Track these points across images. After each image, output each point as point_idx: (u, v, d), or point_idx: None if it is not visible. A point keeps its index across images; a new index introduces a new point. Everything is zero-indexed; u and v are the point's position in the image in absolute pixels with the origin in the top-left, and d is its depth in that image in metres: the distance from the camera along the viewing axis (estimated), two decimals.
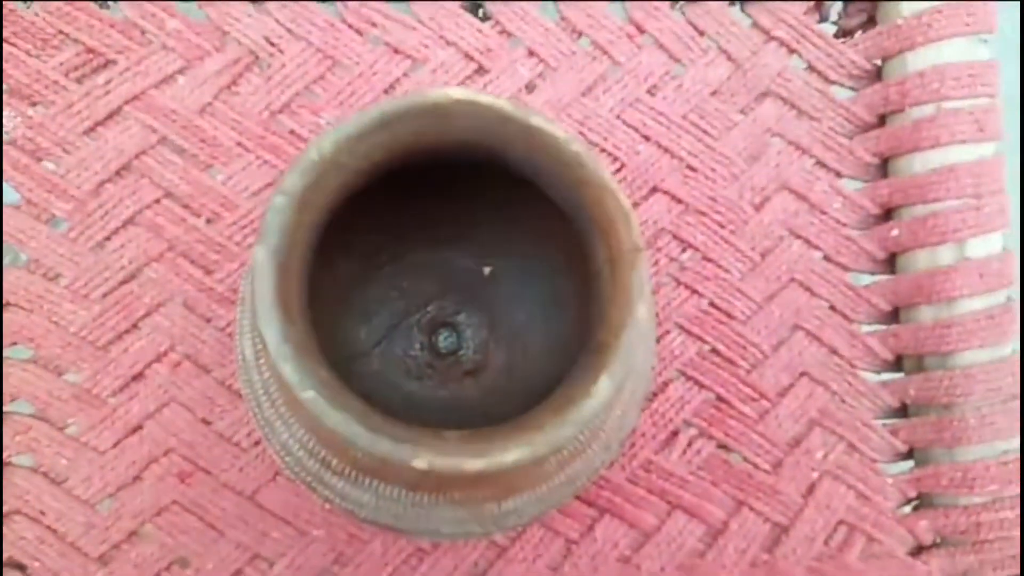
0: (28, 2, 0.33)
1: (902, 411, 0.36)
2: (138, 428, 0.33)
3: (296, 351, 0.21)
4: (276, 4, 0.34)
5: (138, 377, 0.33)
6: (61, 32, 0.33)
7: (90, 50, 0.33)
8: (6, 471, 0.32)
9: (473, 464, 0.20)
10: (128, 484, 0.32)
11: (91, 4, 0.33)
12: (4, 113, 0.32)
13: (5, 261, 0.33)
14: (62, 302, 0.33)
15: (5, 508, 0.31)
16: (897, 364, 0.36)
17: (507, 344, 0.35)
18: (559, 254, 0.33)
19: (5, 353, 0.32)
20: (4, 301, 0.32)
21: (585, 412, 0.21)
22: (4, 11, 0.32)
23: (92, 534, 0.32)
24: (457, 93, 0.23)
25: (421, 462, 0.20)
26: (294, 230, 0.22)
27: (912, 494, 0.35)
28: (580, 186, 0.23)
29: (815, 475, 0.35)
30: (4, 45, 0.33)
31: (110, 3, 0.33)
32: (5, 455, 0.32)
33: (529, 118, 0.23)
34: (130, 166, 0.33)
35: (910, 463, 0.36)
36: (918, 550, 0.35)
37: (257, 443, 0.33)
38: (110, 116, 0.33)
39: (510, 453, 0.21)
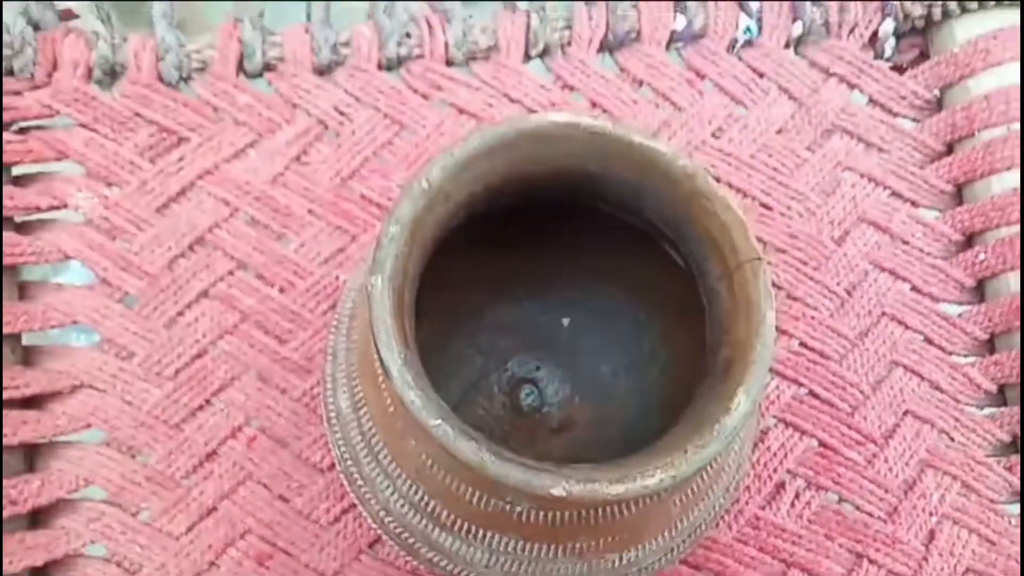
0: (108, 89, 0.34)
1: (1013, 445, 0.34)
2: (213, 510, 0.31)
3: (418, 378, 0.19)
4: (343, 75, 0.34)
5: (212, 455, 0.31)
6: (137, 114, 0.33)
7: (164, 129, 0.33)
8: (80, 562, 0.30)
9: (615, 489, 0.19)
10: (204, 571, 0.30)
11: (164, 86, 0.34)
12: (82, 196, 0.33)
13: (81, 340, 0.32)
14: (135, 381, 0.32)
15: None
16: (1000, 396, 0.34)
17: (593, 399, 0.33)
18: (643, 301, 0.32)
19: (79, 436, 0.31)
20: (79, 382, 0.31)
21: (727, 428, 0.20)
22: (86, 98, 0.33)
23: None
24: (559, 116, 0.22)
25: (559, 489, 0.19)
26: (406, 259, 0.21)
27: None
28: (691, 199, 0.22)
29: (934, 520, 0.32)
30: (84, 130, 0.33)
31: (183, 84, 0.34)
32: (79, 543, 0.30)
33: (631, 136, 0.23)
34: (203, 240, 0.33)
35: None
36: None
37: (337, 520, 0.31)
38: (183, 192, 0.33)
39: (653, 476, 0.19)
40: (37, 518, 0.31)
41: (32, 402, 0.31)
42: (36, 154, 0.32)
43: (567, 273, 0.33)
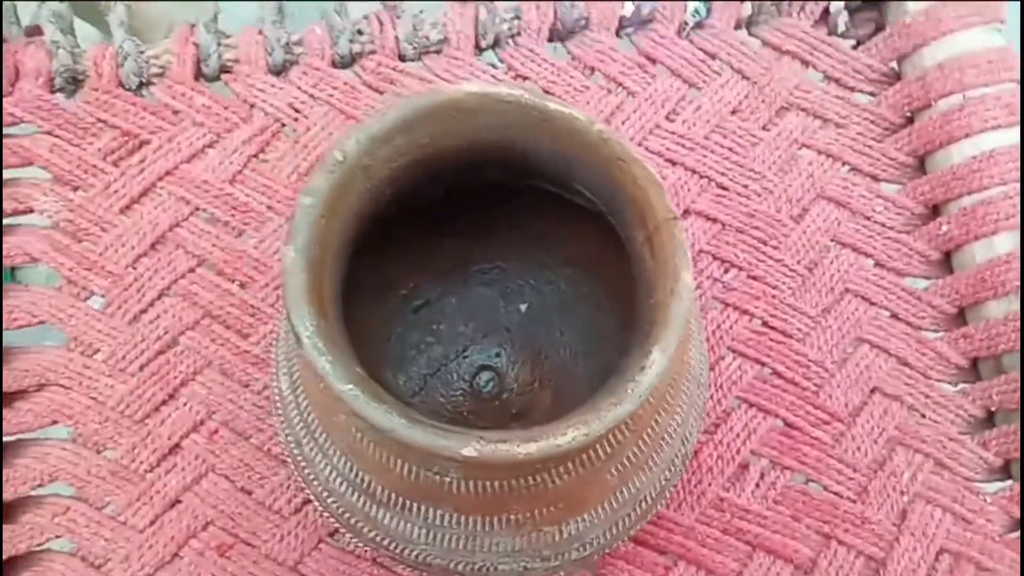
0: (72, 96, 0.34)
1: (989, 421, 0.33)
2: (176, 502, 0.31)
3: (330, 345, 0.20)
4: (297, 73, 0.35)
5: (176, 449, 0.32)
6: (100, 120, 0.34)
7: (126, 133, 0.34)
8: (45, 557, 0.30)
9: (526, 448, 0.19)
10: (167, 562, 0.31)
11: (126, 92, 0.35)
12: (47, 200, 0.34)
13: (47, 340, 0.33)
14: (100, 377, 0.32)
15: None
16: (974, 370, 0.34)
17: (552, 383, 0.33)
18: (599, 282, 0.32)
19: (45, 433, 0.32)
20: (44, 380, 0.32)
21: (641, 386, 0.20)
22: (49, 106, 0.34)
23: None
24: (472, 87, 0.23)
25: (469, 450, 0.19)
26: (324, 231, 0.21)
27: (1017, 513, 0.32)
28: (610, 164, 0.22)
29: (905, 500, 0.32)
30: (48, 137, 0.34)
31: (144, 89, 0.35)
32: (43, 538, 0.30)
33: (547, 104, 0.23)
34: (164, 238, 0.34)
35: (1008, 480, 0.33)
36: None
37: (299, 510, 0.31)
38: (145, 193, 0.34)
39: (565, 435, 0.19)
40: (2, 514, 0.32)
41: None
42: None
43: (525, 258, 0.33)
